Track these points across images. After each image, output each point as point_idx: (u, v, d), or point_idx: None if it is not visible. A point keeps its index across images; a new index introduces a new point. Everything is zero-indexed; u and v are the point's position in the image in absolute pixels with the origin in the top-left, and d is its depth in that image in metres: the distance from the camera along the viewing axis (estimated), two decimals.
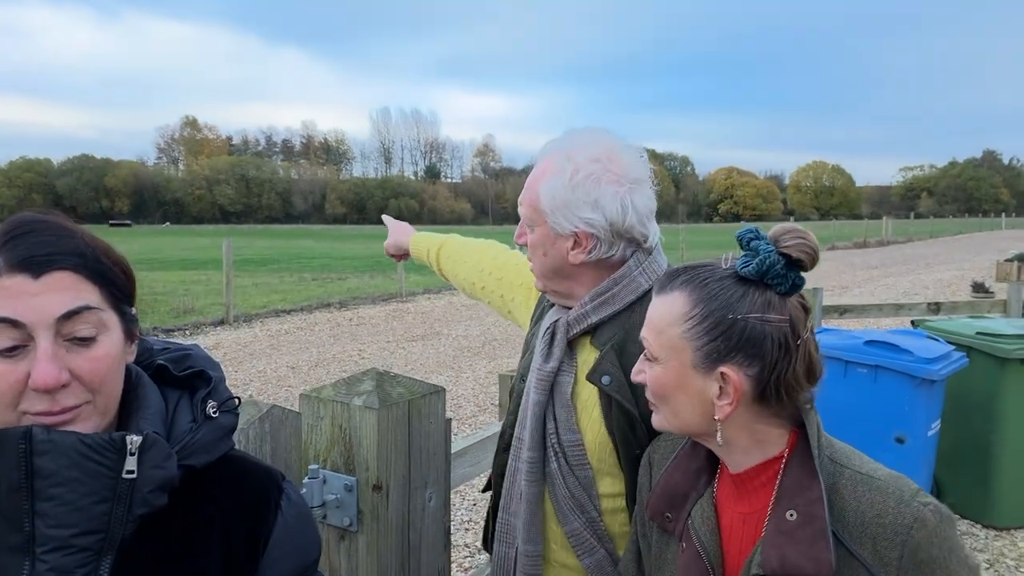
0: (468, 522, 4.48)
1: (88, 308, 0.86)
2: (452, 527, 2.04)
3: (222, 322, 11.73)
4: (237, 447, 1.40)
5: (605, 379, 1.40)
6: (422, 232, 2.17)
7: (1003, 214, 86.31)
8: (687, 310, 1.10)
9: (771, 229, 1.13)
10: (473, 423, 6.47)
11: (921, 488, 1.06)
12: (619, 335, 1.42)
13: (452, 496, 2.02)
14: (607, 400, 1.41)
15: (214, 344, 10.09)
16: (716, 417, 1.09)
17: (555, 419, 1.46)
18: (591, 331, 1.46)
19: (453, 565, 3.16)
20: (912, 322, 5.01)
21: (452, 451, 1.71)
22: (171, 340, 1.09)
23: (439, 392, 1.58)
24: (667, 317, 1.12)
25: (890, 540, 1.00)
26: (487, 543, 1.74)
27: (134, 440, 0.86)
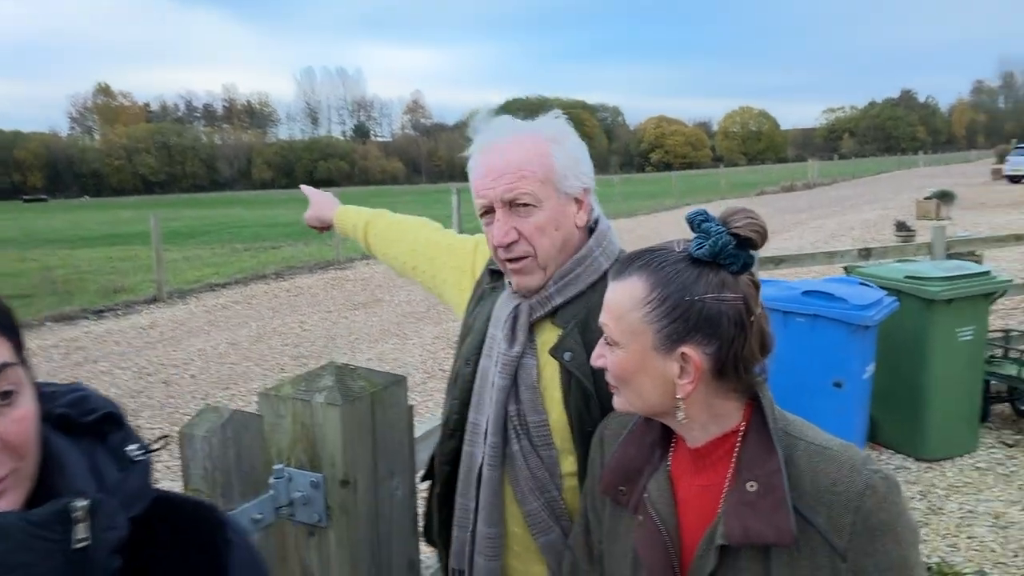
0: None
1: (7, 365, 0.77)
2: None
3: (155, 300, 11.38)
4: (201, 456, 1.37)
5: (567, 355, 1.42)
6: (348, 206, 2.10)
7: (920, 152, 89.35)
8: (645, 294, 1.12)
9: (721, 211, 1.16)
10: (423, 390, 6.47)
11: (869, 455, 1.12)
12: (582, 313, 1.44)
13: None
14: (567, 377, 1.43)
15: (149, 323, 9.82)
16: (678, 396, 1.13)
17: (518, 401, 1.47)
18: (552, 312, 1.47)
19: None
20: (844, 268, 5.19)
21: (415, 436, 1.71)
22: (51, 381, 0.94)
23: (400, 381, 1.57)
24: (626, 302, 1.14)
25: (843, 507, 1.05)
26: (429, 534, 1.73)
27: (81, 505, 0.77)
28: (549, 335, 1.47)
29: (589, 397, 1.41)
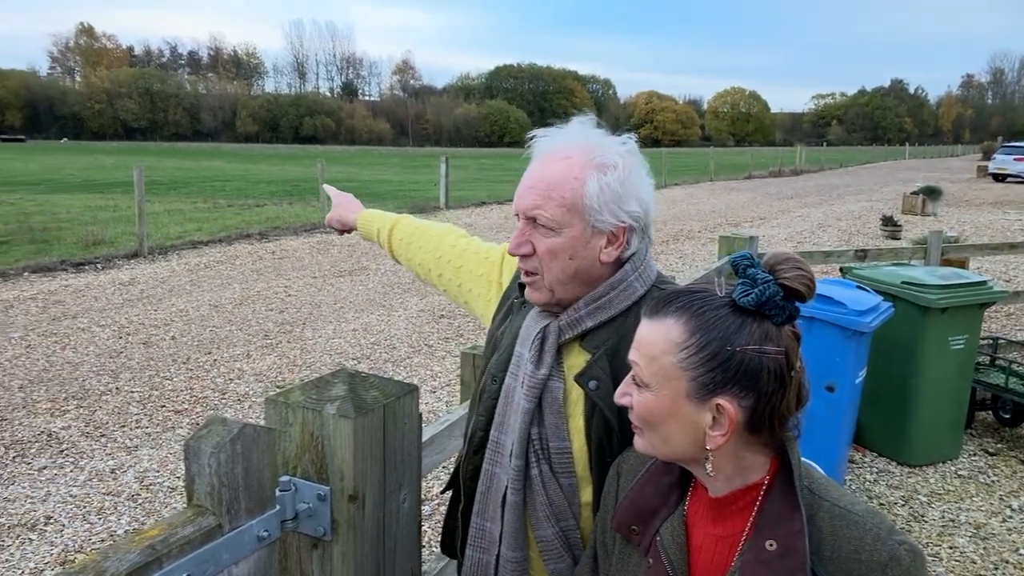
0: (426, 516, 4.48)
1: None
2: None
3: (135, 255, 11.18)
4: (208, 471, 1.31)
5: (592, 383, 1.38)
6: (372, 210, 2.06)
7: (906, 143, 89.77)
8: (683, 339, 1.08)
9: (765, 256, 1.11)
10: (408, 365, 6.42)
11: (894, 524, 1.09)
12: (612, 340, 1.39)
13: None
14: (591, 406, 1.39)
15: (129, 279, 9.64)
16: (708, 447, 1.09)
17: (541, 425, 1.43)
18: (582, 335, 1.42)
19: None
20: (841, 269, 5.18)
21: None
22: None
23: (413, 392, 1.51)
24: (661, 344, 1.10)
25: None
26: (447, 547, 1.71)
27: None
28: (576, 359, 1.42)
29: (611, 430, 1.37)
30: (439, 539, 1.80)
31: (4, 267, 9.94)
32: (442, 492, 1.72)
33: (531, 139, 1.46)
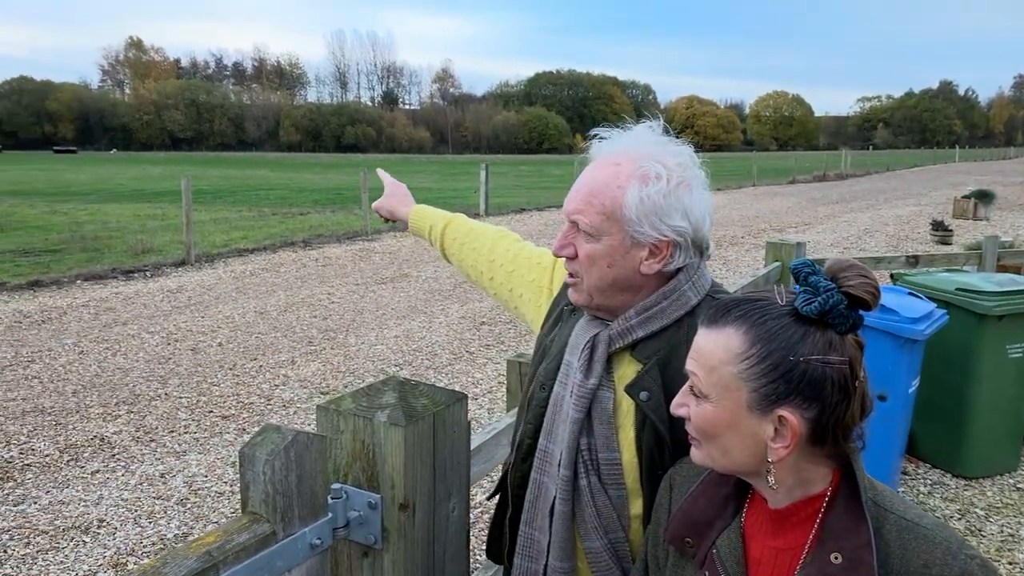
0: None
1: None
2: None
3: (183, 263, 11.41)
4: (263, 479, 1.32)
5: (643, 395, 1.35)
6: (424, 206, 2.05)
7: (956, 146, 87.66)
8: (744, 349, 1.05)
9: (826, 263, 1.08)
10: (449, 372, 6.44)
11: (965, 539, 1.06)
12: (664, 350, 1.36)
13: None
14: (642, 417, 1.36)
15: (177, 287, 9.84)
16: (770, 459, 1.06)
17: (591, 435, 1.41)
18: (632, 345, 1.39)
19: None
20: (892, 276, 5.06)
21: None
22: None
23: (462, 400, 1.51)
24: (720, 354, 1.07)
25: None
26: (493, 553, 1.70)
27: None
28: (627, 369, 1.40)
29: (663, 442, 1.34)
30: (481, 546, 1.79)
31: (58, 275, 10.22)
32: (488, 498, 1.71)
33: (592, 138, 1.44)
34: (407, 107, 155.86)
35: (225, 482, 4.40)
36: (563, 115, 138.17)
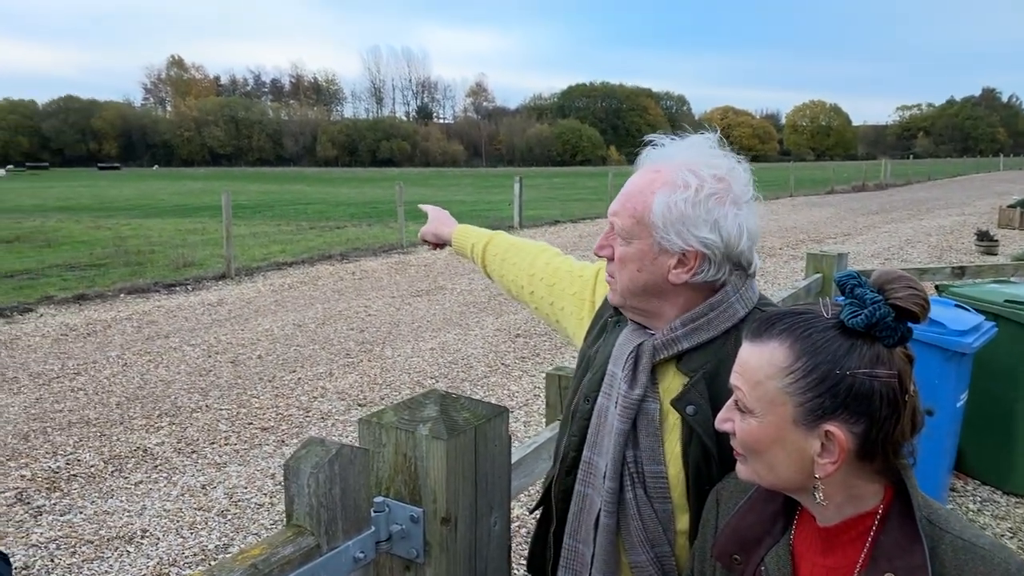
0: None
1: None
2: None
3: (223, 276, 11.60)
4: (307, 492, 1.32)
5: (690, 408, 1.34)
6: (466, 225, 2.07)
7: (1000, 154, 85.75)
8: (789, 363, 1.03)
9: (873, 274, 1.06)
10: (485, 384, 6.43)
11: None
12: (711, 363, 1.34)
13: None
14: (688, 431, 1.35)
15: (217, 300, 10.00)
16: (817, 475, 1.04)
17: (636, 447, 1.40)
18: (678, 356, 1.38)
19: None
20: (937, 287, 4.95)
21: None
22: None
23: (503, 414, 1.50)
24: (765, 368, 1.05)
25: None
26: (535, 567, 1.70)
27: None
28: (673, 382, 1.38)
29: (710, 456, 1.33)
30: (518, 560, 1.78)
31: (102, 289, 10.46)
32: (532, 511, 1.71)
33: (645, 144, 1.44)
34: (441, 121, 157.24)
35: (265, 494, 4.44)
36: (597, 127, 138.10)
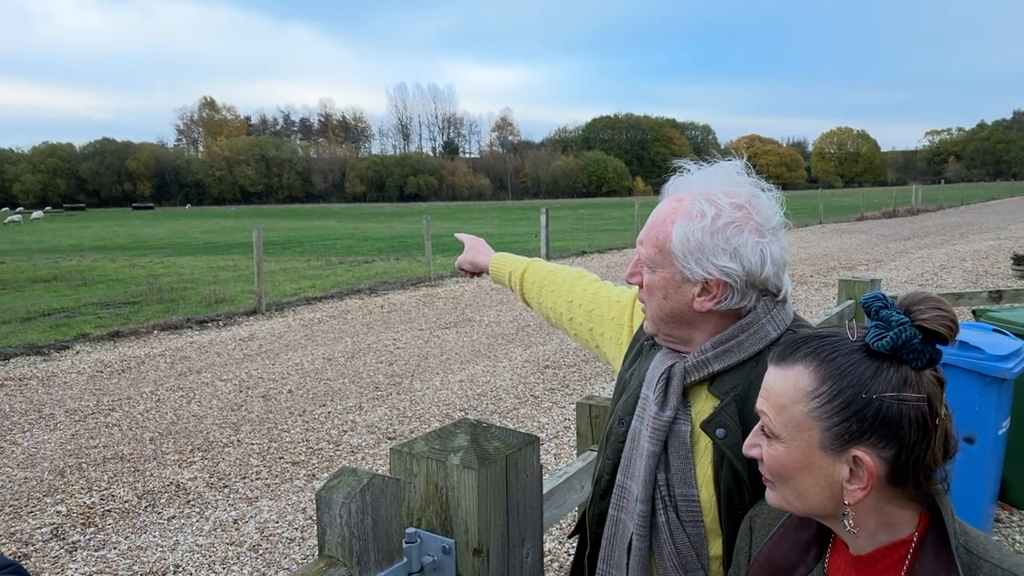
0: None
1: None
2: None
3: (254, 311, 11.73)
4: (339, 522, 1.32)
5: (720, 431, 1.33)
6: (503, 253, 2.08)
7: None
8: (814, 387, 1.02)
9: (900, 296, 1.04)
10: (515, 416, 6.40)
11: None
12: (743, 386, 1.34)
13: None
14: (719, 454, 1.34)
15: (248, 335, 10.10)
16: (847, 502, 1.02)
17: (668, 470, 1.38)
18: (710, 379, 1.37)
19: None
20: (974, 312, 4.85)
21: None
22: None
23: (534, 443, 1.49)
24: (790, 393, 1.04)
25: None
26: None
27: None
28: (704, 404, 1.38)
29: (741, 481, 1.31)
30: None
31: (136, 326, 10.62)
32: (569, 537, 1.70)
33: (673, 171, 1.45)
34: (467, 156, 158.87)
35: (296, 528, 4.43)
36: (622, 158, 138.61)
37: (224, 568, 4.02)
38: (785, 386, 1.04)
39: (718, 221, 1.31)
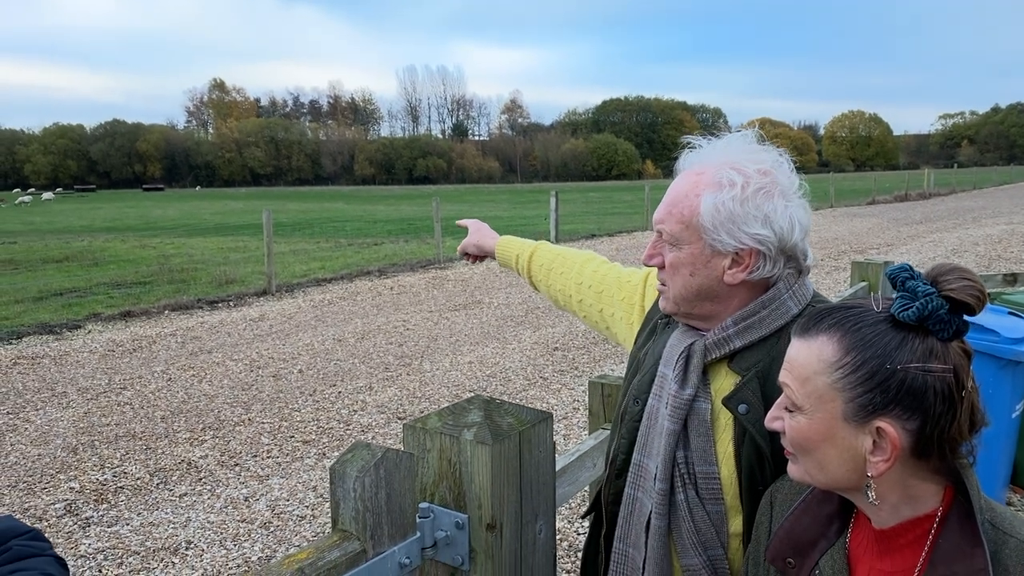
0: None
1: None
2: None
3: (264, 292, 11.77)
4: (353, 496, 1.31)
5: (742, 407, 1.32)
6: (509, 236, 2.06)
7: None
8: (838, 358, 1.01)
9: (928, 267, 1.03)
10: (524, 398, 6.41)
11: None
12: (764, 361, 1.32)
13: None
14: (741, 431, 1.33)
15: (259, 316, 10.14)
16: (869, 473, 1.01)
17: (687, 448, 1.37)
18: (730, 356, 1.36)
19: None
20: (988, 295, 4.81)
21: None
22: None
23: (547, 420, 1.48)
24: (814, 364, 1.03)
25: None
26: (588, 573, 1.68)
27: None
28: (725, 381, 1.36)
29: (763, 456, 1.30)
30: (562, 571, 1.75)
31: (147, 306, 10.67)
32: (583, 516, 1.69)
33: (683, 148, 1.43)
34: (476, 138, 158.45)
35: (307, 506, 4.46)
36: (632, 141, 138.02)
37: (235, 544, 4.05)
38: (809, 357, 1.03)
39: (747, 189, 1.30)
